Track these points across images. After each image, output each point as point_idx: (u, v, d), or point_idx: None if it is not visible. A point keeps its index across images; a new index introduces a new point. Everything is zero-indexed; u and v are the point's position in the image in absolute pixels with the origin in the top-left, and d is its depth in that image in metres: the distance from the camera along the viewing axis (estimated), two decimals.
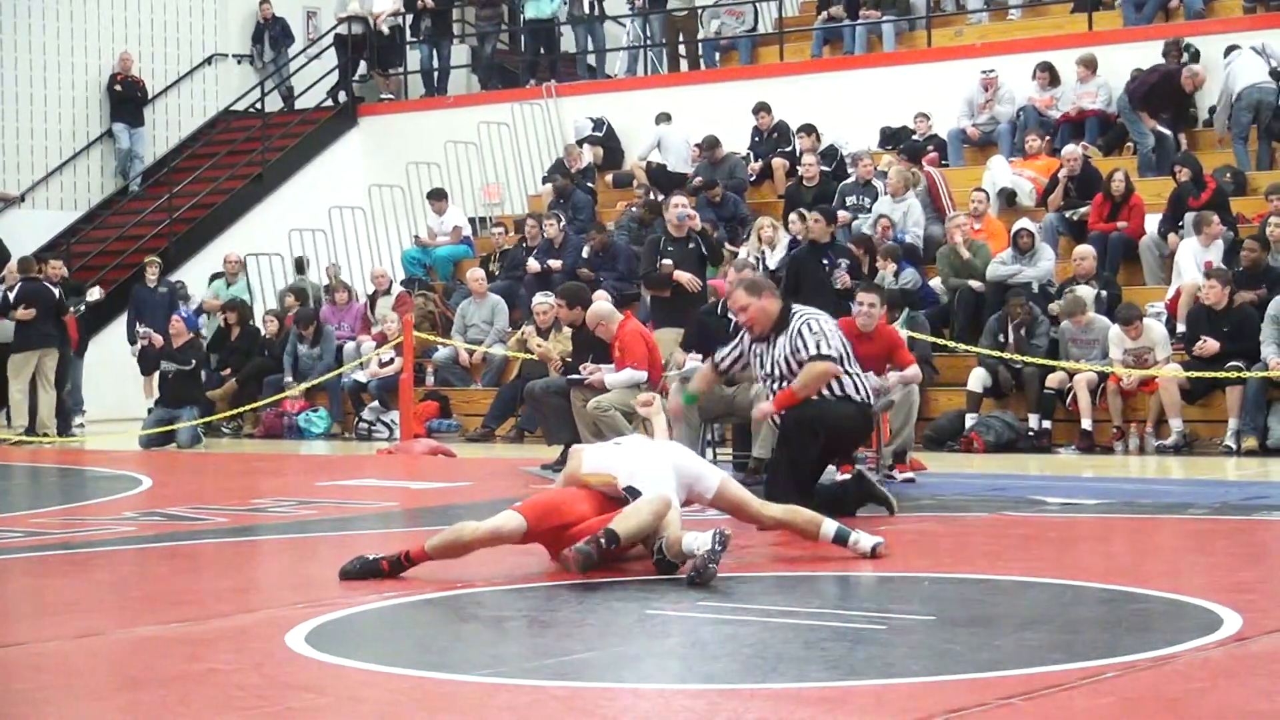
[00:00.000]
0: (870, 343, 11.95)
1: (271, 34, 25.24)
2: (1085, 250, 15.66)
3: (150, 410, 17.94)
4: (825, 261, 13.64)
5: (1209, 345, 13.94)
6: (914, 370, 12.11)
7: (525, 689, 5.11)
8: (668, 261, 14.66)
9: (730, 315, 11.78)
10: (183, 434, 17.20)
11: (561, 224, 19.30)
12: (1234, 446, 13.77)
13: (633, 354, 12.82)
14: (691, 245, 14.88)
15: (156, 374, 18.11)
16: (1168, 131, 17.71)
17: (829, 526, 7.84)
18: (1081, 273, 15.50)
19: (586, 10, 24.38)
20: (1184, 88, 17.65)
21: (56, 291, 18.27)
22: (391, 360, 18.06)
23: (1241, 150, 17.30)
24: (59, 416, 18.40)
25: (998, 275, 15.86)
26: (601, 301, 14.39)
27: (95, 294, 19.05)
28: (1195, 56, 18.02)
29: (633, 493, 7.59)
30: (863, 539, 7.77)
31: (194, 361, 17.60)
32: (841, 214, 18.00)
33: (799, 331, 9.53)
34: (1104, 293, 15.30)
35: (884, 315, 12.08)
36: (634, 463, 7.78)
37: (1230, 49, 17.54)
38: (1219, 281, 14.24)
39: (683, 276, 14.73)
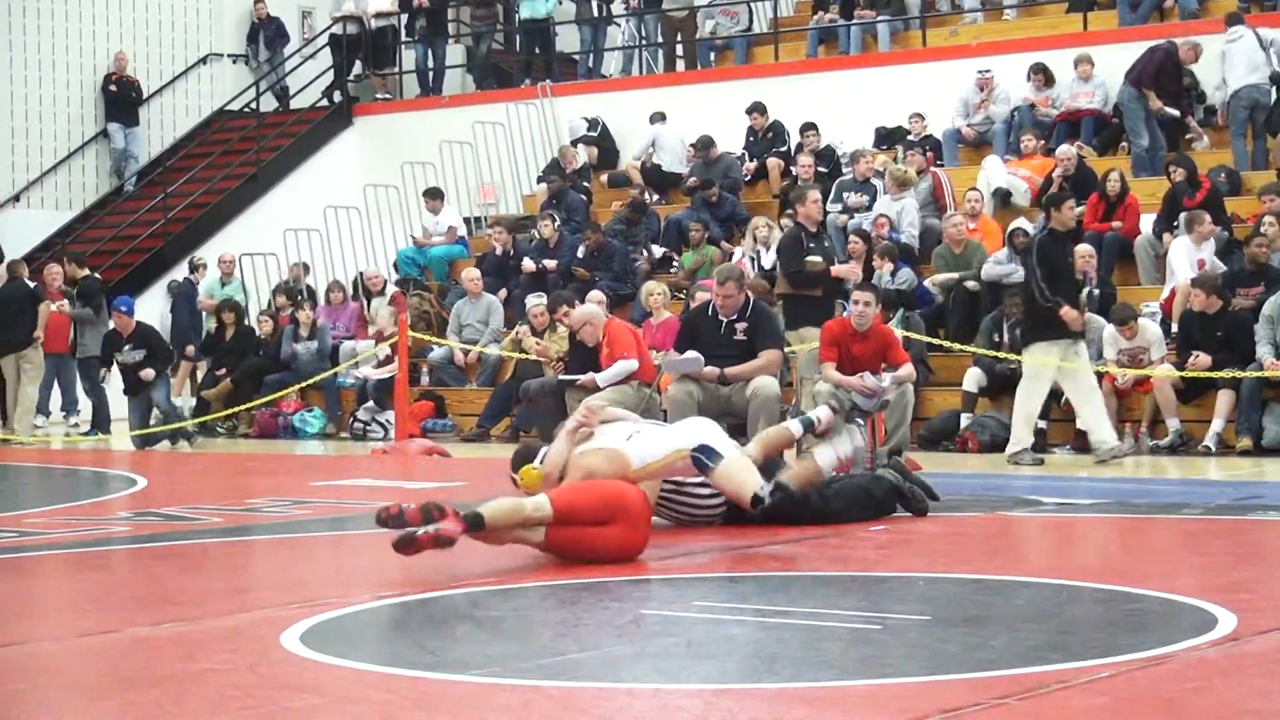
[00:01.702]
0: (865, 341, 11.96)
1: (266, 34, 25.22)
2: (1085, 249, 15.66)
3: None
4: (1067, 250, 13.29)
5: (1201, 360, 13.92)
6: (908, 369, 12.11)
7: (521, 689, 5.10)
8: (817, 258, 13.56)
9: (722, 318, 11.80)
10: (164, 439, 17.13)
11: (556, 224, 19.32)
12: (1211, 448, 13.74)
13: (621, 344, 12.83)
14: (827, 242, 14.09)
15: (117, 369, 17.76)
16: (1175, 112, 17.70)
17: (796, 426, 8.75)
18: (1082, 271, 15.50)
19: (595, 11, 24.35)
20: (1185, 62, 17.63)
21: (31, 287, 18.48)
22: (389, 358, 18.03)
23: (1240, 147, 17.27)
24: (101, 414, 18.43)
25: (993, 275, 15.86)
26: (587, 305, 14.38)
27: (65, 306, 18.84)
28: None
29: (706, 450, 7.95)
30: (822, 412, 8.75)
31: (145, 349, 17.15)
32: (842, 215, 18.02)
33: None
34: (1096, 293, 15.30)
35: (879, 314, 12.08)
36: (690, 430, 8.19)
37: (1231, 19, 17.34)
38: (1204, 290, 14.21)
39: (841, 270, 14.00)
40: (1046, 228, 13.35)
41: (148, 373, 17.03)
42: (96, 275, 19.22)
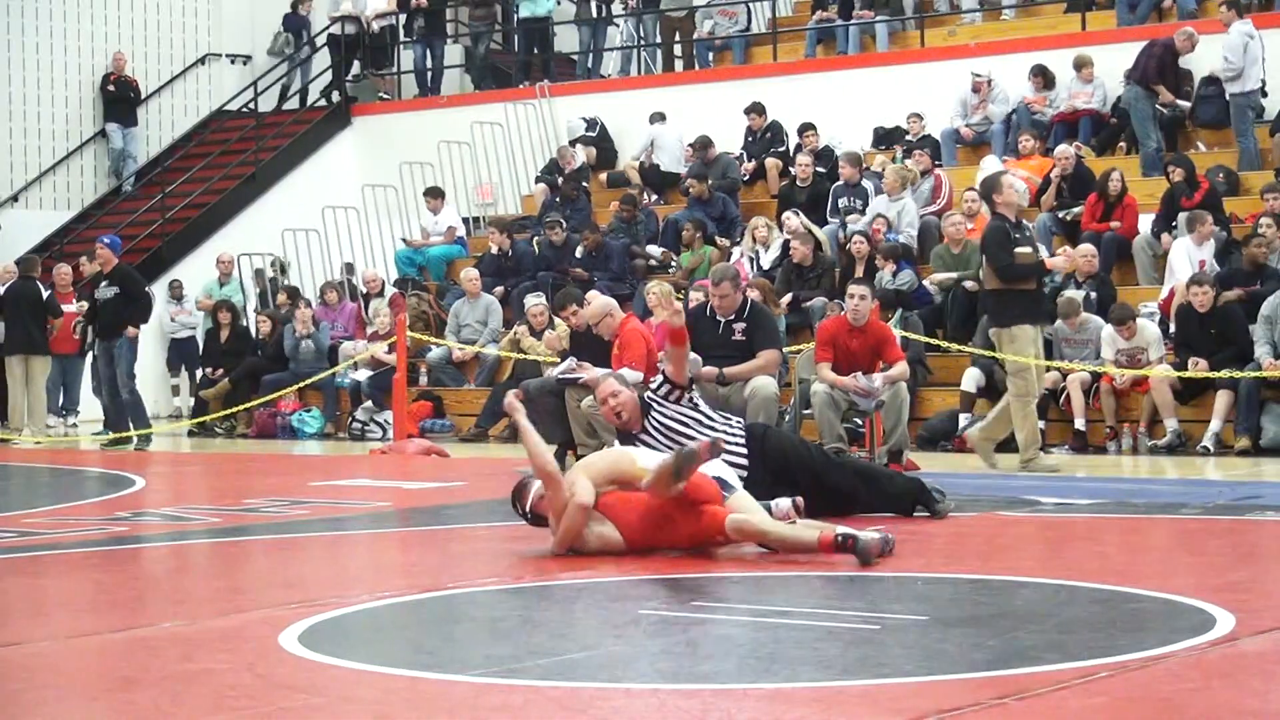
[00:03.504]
0: (862, 336, 11.95)
1: (300, 27, 25.17)
2: (1087, 249, 15.65)
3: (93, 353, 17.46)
4: None
5: (1201, 365, 13.91)
6: (900, 368, 12.07)
7: (518, 688, 5.11)
8: (1027, 249, 12.63)
9: (720, 318, 11.79)
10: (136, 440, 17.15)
11: (565, 228, 19.28)
12: (1209, 448, 13.73)
13: (632, 352, 12.79)
14: (1030, 232, 13.15)
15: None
16: (1186, 104, 17.70)
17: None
18: (1083, 271, 15.51)
19: (594, 11, 24.34)
20: (1182, 51, 17.64)
21: (45, 294, 18.49)
22: (389, 353, 17.99)
23: (1248, 146, 17.24)
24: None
25: None
26: (606, 297, 14.37)
27: (71, 307, 18.81)
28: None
29: (722, 482, 7.91)
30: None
31: (119, 288, 16.80)
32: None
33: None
34: (1093, 294, 15.30)
35: (875, 308, 12.07)
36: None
37: (1232, 4, 17.26)
38: (1206, 285, 14.21)
39: (1056, 262, 13.19)
40: None
41: (132, 331, 16.76)
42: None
